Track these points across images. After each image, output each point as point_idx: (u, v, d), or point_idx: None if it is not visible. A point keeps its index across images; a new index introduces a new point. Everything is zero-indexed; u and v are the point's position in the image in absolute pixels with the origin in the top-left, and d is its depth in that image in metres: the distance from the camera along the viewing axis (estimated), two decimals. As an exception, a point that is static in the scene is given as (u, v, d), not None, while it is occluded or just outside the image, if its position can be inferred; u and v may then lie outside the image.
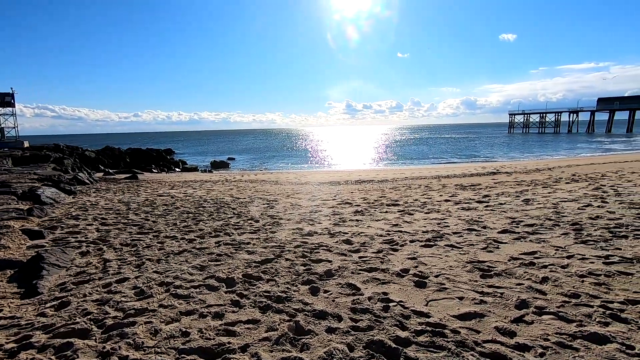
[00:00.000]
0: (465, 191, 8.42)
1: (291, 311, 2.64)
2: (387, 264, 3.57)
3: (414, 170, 17.27)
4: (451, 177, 12.33)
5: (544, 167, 14.49)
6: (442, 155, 31.22)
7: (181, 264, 3.74)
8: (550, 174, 11.16)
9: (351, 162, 27.36)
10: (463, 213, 5.83)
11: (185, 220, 5.95)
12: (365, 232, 4.91)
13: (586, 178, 9.38)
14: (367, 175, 15.10)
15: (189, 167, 24.59)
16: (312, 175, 16.51)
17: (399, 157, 29.99)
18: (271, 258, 3.86)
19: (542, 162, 18.92)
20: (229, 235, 4.93)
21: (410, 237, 4.51)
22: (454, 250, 3.94)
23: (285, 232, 5.02)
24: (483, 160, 24.89)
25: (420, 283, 3.09)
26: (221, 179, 14.97)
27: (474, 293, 2.85)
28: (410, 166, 22.29)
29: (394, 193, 8.73)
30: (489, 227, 4.82)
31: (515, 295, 2.77)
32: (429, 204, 6.92)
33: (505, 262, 3.48)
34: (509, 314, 2.50)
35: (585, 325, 2.31)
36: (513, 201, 6.62)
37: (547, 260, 3.46)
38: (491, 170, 14.54)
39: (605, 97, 60.83)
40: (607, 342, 2.12)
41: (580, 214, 5.26)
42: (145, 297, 2.94)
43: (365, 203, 7.29)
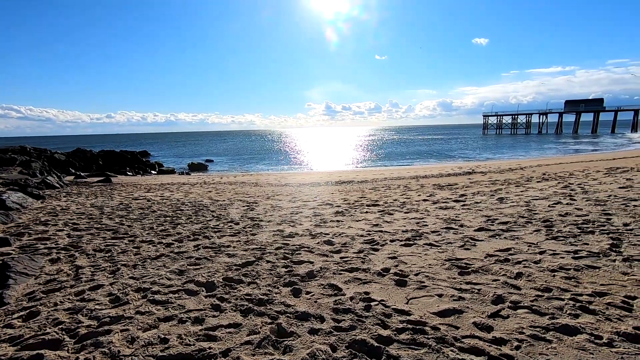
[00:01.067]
0: (442, 191, 8.62)
1: (273, 313, 2.62)
2: (368, 264, 3.61)
3: (393, 171, 17.53)
4: (429, 177, 12.59)
5: (516, 166, 15.02)
6: (420, 155, 31.84)
7: (159, 269, 3.64)
8: (523, 173, 11.59)
9: (331, 163, 27.47)
10: (441, 212, 5.97)
11: (163, 224, 5.80)
12: (346, 232, 4.93)
13: (555, 177, 9.80)
14: (347, 176, 15.20)
15: (166, 170, 23.99)
16: (293, 176, 16.46)
17: (379, 158, 30.36)
18: (252, 260, 3.82)
19: (515, 162, 19.62)
20: (208, 238, 4.84)
21: (391, 237, 4.57)
22: (433, 248, 4.02)
23: (266, 234, 4.98)
24: (459, 160, 25.56)
25: (400, 282, 3.14)
26: (199, 181, 14.69)
27: (453, 290, 2.91)
28: (390, 167, 22.61)
29: (373, 193, 8.82)
30: (466, 226, 4.95)
31: (491, 291, 2.85)
32: (408, 203, 7.03)
33: (481, 259, 3.58)
34: (486, 310, 2.57)
35: (557, 318, 2.41)
36: (488, 200, 6.83)
37: (521, 256, 3.59)
38: (467, 170, 14.95)
39: (571, 100, 63.87)
40: (577, 333, 2.22)
41: (550, 211, 5.48)
42: (120, 304, 2.84)
43: (345, 204, 7.33)
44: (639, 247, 3.67)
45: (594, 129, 59.65)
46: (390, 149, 42.69)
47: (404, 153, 35.52)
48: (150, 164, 26.41)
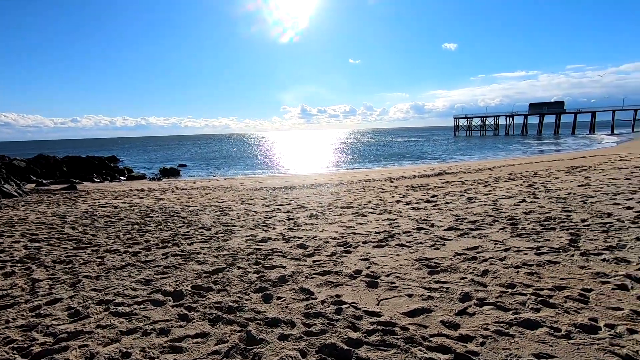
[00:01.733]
0: (415, 192, 8.79)
1: (243, 321, 2.56)
2: (341, 267, 3.61)
3: (368, 173, 17.73)
4: (402, 179, 12.82)
5: (485, 167, 15.58)
6: (394, 157, 32.41)
7: (123, 280, 3.49)
8: (491, 173, 12.03)
9: (307, 166, 27.47)
10: (413, 213, 6.08)
11: (130, 232, 5.57)
12: (319, 235, 4.92)
13: (521, 176, 10.23)
14: (323, 179, 15.24)
15: (136, 176, 23.16)
16: (268, 180, 16.32)
17: (354, 161, 30.65)
18: (223, 267, 3.73)
19: (484, 162, 20.35)
20: (177, 245, 4.70)
21: (364, 239, 4.60)
22: (404, 249, 4.08)
23: (239, 240, 4.89)
24: (432, 161, 26.23)
25: (372, 283, 3.16)
26: (171, 187, 14.28)
27: (422, 289, 2.96)
28: (365, 169, 22.86)
29: (348, 196, 8.88)
30: (437, 225, 5.06)
31: (459, 289, 2.92)
32: (381, 205, 7.12)
33: (450, 258, 3.67)
34: (453, 307, 2.63)
35: (520, 313, 2.49)
36: (458, 200, 7.03)
37: (488, 254, 3.71)
38: (439, 171, 15.35)
39: (535, 103, 67.21)
40: (538, 327, 2.31)
41: (515, 209, 5.71)
42: (80, 318, 2.69)
43: (320, 207, 7.33)
44: (595, 242, 3.88)
45: (556, 130, 62.95)
46: (366, 151, 43.22)
47: (379, 155, 36.05)
48: (119, 169, 25.43)
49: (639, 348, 2.04)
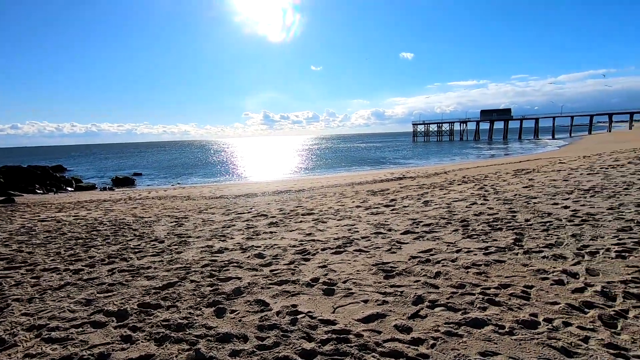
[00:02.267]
0: (375, 196, 8.96)
1: (192, 339, 2.43)
2: (298, 275, 3.56)
3: (330, 179, 17.87)
4: (363, 184, 13.05)
5: (441, 171, 16.27)
6: (356, 163, 32.99)
7: (61, 301, 3.20)
8: (446, 177, 12.57)
9: (270, 173, 27.19)
10: (372, 218, 6.17)
11: (73, 248, 5.16)
12: (278, 244, 4.84)
13: (473, 179, 10.79)
14: (285, 185, 15.13)
15: (85, 186, 21.65)
16: (229, 188, 15.93)
17: (317, 166, 30.81)
18: (174, 281, 3.54)
19: (440, 166, 21.27)
20: (126, 260, 4.41)
21: (322, 245, 4.58)
22: (362, 254, 4.11)
23: (193, 251, 4.68)
24: (392, 166, 26.99)
25: (329, 291, 3.14)
26: (124, 197, 13.49)
27: (378, 294, 2.99)
28: (327, 175, 23.04)
29: (310, 202, 8.86)
30: (394, 230, 5.17)
31: (412, 292, 2.98)
32: (342, 210, 7.17)
33: (406, 262, 3.75)
34: (406, 311, 2.67)
35: (469, 312, 2.58)
36: (415, 203, 7.25)
37: (440, 256, 3.83)
38: (398, 175, 15.81)
39: (486, 110, 71.68)
40: (484, 325, 2.40)
41: (467, 211, 5.98)
42: (5, 348, 2.42)
43: (281, 214, 7.24)
44: (536, 240, 4.14)
45: (504, 135, 67.41)
46: (328, 157, 43.63)
47: (341, 161, 36.53)
48: (65, 179, 23.65)
49: (572, 339, 2.18)
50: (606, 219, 4.78)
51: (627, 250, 3.62)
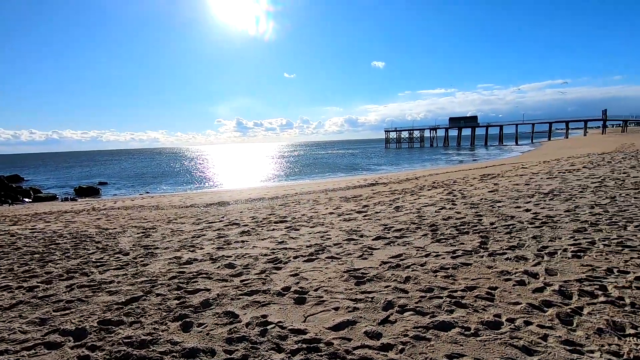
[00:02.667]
0: (348, 203, 9.03)
1: (156, 355, 2.33)
2: (269, 284, 3.51)
3: (304, 186, 17.86)
4: (337, 190, 13.12)
5: (412, 177, 16.66)
6: (330, 169, 33.19)
7: (12, 321, 2.97)
8: (417, 183, 12.88)
9: (243, 180, 26.81)
10: (344, 224, 6.21)
11: (28, 264, 4.83)
12: (250, 253, 4.76)
13: (442, 185, 11.11)
14: (258, 193, 14.95)
15: (44, 196, 20.43)
16: (200, 196, 15.54)
17: (290, 173, 30.72)
18: (138, 296, 3.39)
19: (411, 172, 21.78)
20: (86, 275, 4.18)
21: (295, 253, 4.55)
22: (334, 261, 4.12)
23: (160, 263, 4.51)
24: (365, 173, 27.36)
25: (300, 299, 3.11)
26: (87, 207, 12.83)
27: (349, 301, 2.99)
28: (301, 181, 23.01)
29: (283, 209, 8.80)
30: (366, 235, 5.22)
31: (383, 297, 3.01)
32: (315, 217, 7.16)
33: (376, 267, 3.79)
34: (377, 317, 2.69)
35: (437, 316, 2.63)
36: (387, 209, 7.36)
37: (410, 261, 3.90)
38: (371, 181, 16.03)
39: (454, 117, 74.42)
40: (451, 328, 2.45)
41: (436, 216, 6.14)
42: (-55, 376, 2.22)
43: (253, 222, 7.13)
44: (500, 242, 4.31)
45: (472, 142, 70.21)
46: (302, 163, 43.65)
47: (315, 167, 36.64)
48: (23, 190, 22.23)
49: (533, 338, 2.27)
50: (563, 221, 5.06)
51: (582, 250, 3.84)
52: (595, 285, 3.00)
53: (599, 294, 2.84)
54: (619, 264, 3.42)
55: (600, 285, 2.98)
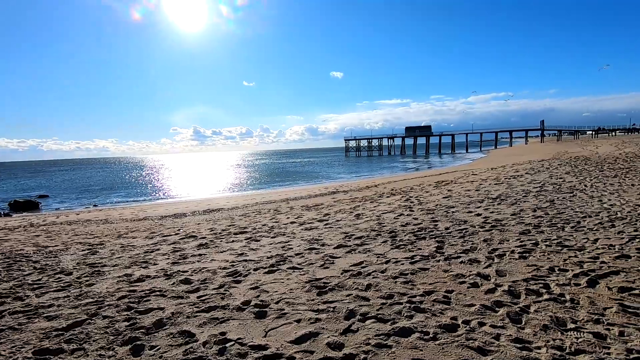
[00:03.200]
0: (309, 212, 9.01)
1: (101, 385, 2.13)
2: (228, 299, 3.37)
3: (265, 195, 17.61)
4: (298, 199, 13.08)
5: (372, 184, 17.05)
6: (291, 178, 33.08)
7: None
8: (376, 190, 13.19)
9: (201, 191, 25.89)
10: (306, 233, 6.17)
11: (-52, 290, 4.26)
12: (208, 266, 4.57)
13: (400, 192, 11.48)
14: (218, 203, 14.51)
15: (-28, 212, 18.30)
16: (154, 208, 14.76)
17: (251, 183, 30.20)
18: (82, 319, 3.11)
19: (371, 180, 22.30)
20: (20, 299, 3.76)
21: (255, 265, 4.43)
22: (295, 271, 4.06)
23: (108, 282, 4.18)
24: (326, 181, 27.58)
25: (260, 313, 3.02)
26: (23, 223, 11.67)
27: (311, 312, 2.95)
28: (262, 191, 22.69)
29: (243, 220, 8.58)
30: (327, 244, 5.22)
31: (345, 306, 3.00)
32: (276, 227, 7.06)
33: (338, 276, 3.79)
34: (339, 327, 2.67)
35: (397, 322, 2.67)
36: (347, 217, 7.44)
37: (371, 268, 3.95)
38: (332, 190, 16.17)
39: (410, 126, 77.72)
40: (411, 334, 2.50)
41: (395, 222, 6.31)
42: None
43: (211, 234, 6.88)
44: (455, 246, 4.51)
45: (426, 150, 73.62)
46: (263, 172, 43.14)
47: (276, 176, 36.36)
48: (-55, 206, 19.77)
49: (486, 338, 2.37)
50: (510, 224, 5.41)
51: (527, 251, 4.12)
52: (540, 284, 3.22)
53: (543, 292, 3.05)
54: (559, 263, 3.70)
55: (544, 284, 3.20)
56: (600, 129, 69.40)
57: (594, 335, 2.37)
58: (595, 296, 2.93)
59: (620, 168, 12.40)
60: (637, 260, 3.69)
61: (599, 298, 2.89)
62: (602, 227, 5.05)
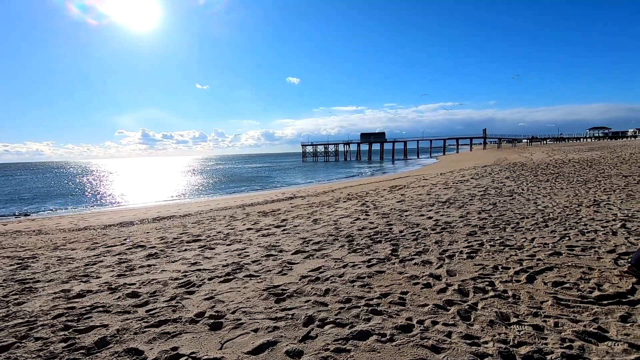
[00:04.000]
0: (266, 217, 8.88)
1: (32, 416, 1.90)
2: (180, 312, 3.20)
3: (220, 201, 17.09)
4: (255, 205, 12.84)
5: (329, 189, 17.23)
6: (247, 184, 32.44)
7: None
8: (333, 195, 13.34)
9: (150, 197, 24.48)
10: (263, 240, 6.06)
11: None
12: (158, 278, 4.30)
13: (356, 196, 11.71)
14: (169, 210, 13.80)
15: None
16: (97, 217, 13.69)
17: (205, 189, 29.15)
18: (9, 343, 2.77)
19: (328, 185, 22.54)
20: None
21: (210, 275, 4.26)
22: (252, 279, 3.96)
23: (42, 300, 3.78)
24: (283, 186, 27.40)
25: (216, 325, 2.89)
26: (-63, 237, 10.22)
27: (269, 321, 2.89)
28: (217, 197, 21.98)
29: (196, 227, 8.24)
30: (285, 250, 5.16)
31: (303, 313, 2.98)
32: (232, 234, 6.86)
33: (296, 282, 3.75)
34: (298, 334, 2.64)
35: (355, 326, 2.70)
36: (305, 222, 7.43)
37: (329, 273, 3.96)
38: (289, 195, 16.10)
39: (365, 133, 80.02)
40: (369, 336, 2.53)
41: (352, 227, 6.41)
42: None
43: (162, 243, 6.51)
44: (409, 249, 4.67)
45: (381, 156, 76.18)
46: (218, 178, 41.85)
47: (232, 182, 35.47)
48: None
49: (439, 337, 2.48)
50: (459, 226, 5.73)
51: (474, 251, 4.38)
52: (486, 281, 3.43)
53: (489, 289, 3.25)
54: (502, 262, 3.98)
55: (489, 282, 3.42)
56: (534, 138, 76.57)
57: (533, 327, 2.56)
58: (533, 291, 3.18)
59: (551, 173, 13.70)
60: (567, 256, 4.07)
61: (536, 293, 3.15)
62: (537, 227, 5.52)
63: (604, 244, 4.49)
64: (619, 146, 30.98)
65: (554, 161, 19.70)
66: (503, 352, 2.26)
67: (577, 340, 2.37)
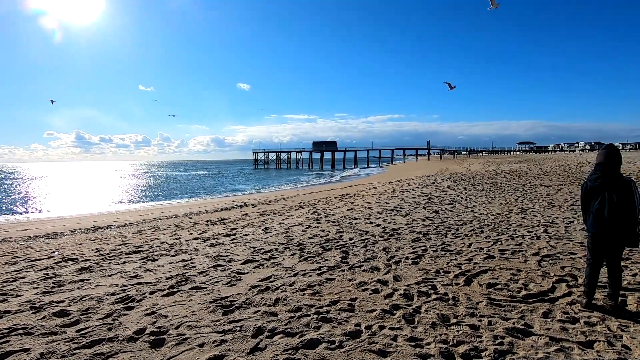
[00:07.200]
0: (215, 226, 8.57)
1: None
2: (117, 330, 2.96)
3: (165, 209, 16.18)
4: (203, 213, 12.34)
5: (280, 197, 17.11)
6: (194, 191, 31.09)
7: None
8: (285, 203, 13.28)
9: (84, 205, 22.42)
10: (211, 250, 5.84)
11: None
12: (91, 294, 3.94)
13: (308, 204, 11.77)
14: (106, 220, 12.75)
15: None
16: (19, 227, 12.22)
17: (148, 196, 27.41)
18: None
19: (279, 192, 22.39)
20: None
21: (151, 288, 4.00)
22: (199, 292, 3.79)
23: (-54, 324, 3.27)
24: (234, 194, 26.69)
25: (157, 342, 2.72)
26: None
27: (216, 334, 2.78)
28: (161, 205, 20.77)
29: (138, 238, 7.70)
30: (234, 260, 5.02)
31: (252, 324, 2.91)
32: (177, 244, 6.51)
33: (245, 293, 3.66)
34: (246, 346, 2.57)
35: (305, 334, 2.69)
36: (256, 231, 7.30)
37: (280, 282, 3.92)
38: (240, 203, 15.72)
39: (317, 142, 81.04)
40: (318, 344, 2.54)
41: (303, 235, 6.42)
42: None
43: (97, 256, 5.98)
44: (358, 256, 4.79)
45: (332, 164, 77.52)
46: (163, 185, 39.63)
47: (178, 189, 33.78)
48: None
49: (386, 341, 2.56)
50: (404, 233, 6.00)
51: (419, 257, 4.61)
52: (429, 285, 3.62)
53: (432, 292, 3.44)
54: (444, 266, 4.24)
55: (432, 286, 3.62)
56: (472, 150, 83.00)
57: (470, 327, 2.75)
58: (470, 293, 3.42)
59: (486, 183, 14.92)
60: (499, 259, 4.45)
61: (473, 294, 3.39)
62: (474, 233, 5.97)
63: (529, 247, 4.98)
64: (542, 159, 34.71)
65: (488, 172, 21.48)
66: (444, 352, 2.39)
67: (507, 337, 2.59)
